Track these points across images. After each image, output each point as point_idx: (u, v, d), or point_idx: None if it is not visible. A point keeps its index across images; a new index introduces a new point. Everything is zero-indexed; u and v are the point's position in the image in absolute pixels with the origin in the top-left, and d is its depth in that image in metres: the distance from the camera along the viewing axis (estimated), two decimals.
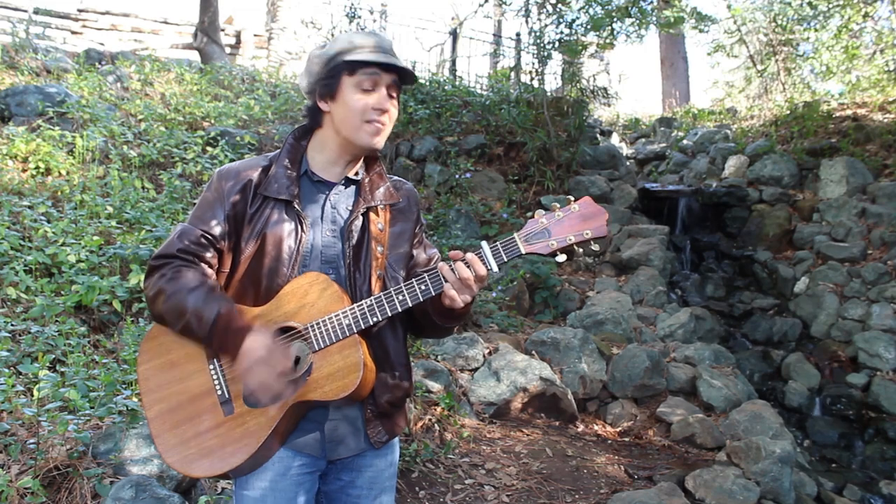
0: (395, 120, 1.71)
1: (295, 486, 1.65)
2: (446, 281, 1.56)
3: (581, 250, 1.58)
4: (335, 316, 1.58)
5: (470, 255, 1.55)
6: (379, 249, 1.70)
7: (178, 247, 1.62)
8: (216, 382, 1.60)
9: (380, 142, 1.65)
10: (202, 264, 1.64)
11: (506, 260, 1.57)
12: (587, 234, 1.55)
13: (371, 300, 1.59)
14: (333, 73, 1.64)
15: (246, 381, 1.55)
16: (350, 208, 1.71)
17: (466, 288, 1.55)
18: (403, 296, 1.58)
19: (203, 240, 1.63)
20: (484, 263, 1.55)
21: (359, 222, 1.69)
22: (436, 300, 1.61)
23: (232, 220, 1.65)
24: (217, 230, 1.64)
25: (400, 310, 1.59)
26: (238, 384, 1.59)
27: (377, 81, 1.63)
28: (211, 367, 1.61)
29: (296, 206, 1.64)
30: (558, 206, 1.60)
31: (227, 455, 1.56)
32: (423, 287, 1.58)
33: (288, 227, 1.64)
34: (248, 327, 1.55)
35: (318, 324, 1.58)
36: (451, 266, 1.56)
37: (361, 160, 1.76)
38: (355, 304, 1.59)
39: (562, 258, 1.57)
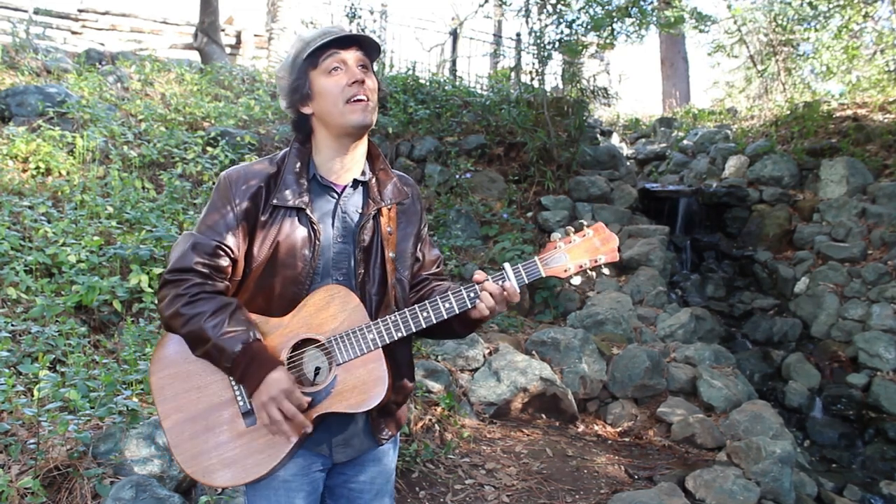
0: (377, 93, 1.69)
1: (302, 485, 1.68)
2: (479, 301, 1.62)
3: (594, 273, 1.69)
4: (359, 330, 1.59)
5: (508, 284, 1.63)
6: (390, 255, 1.70)
7: (195, 260, 1.59)
8: (237, 393, 1.59)
9: (370, 117, 1.63)
10: (218, 277, 1.62)
11: (527, 281, 1.66)
12: (600, 259, 1.68)
13: (396, 316, 1.61)
14: (300, 75, 1.65)
15: (260, 414, 1.56)
16: (360, 210, 1.71)
17: (498, 304, 1.63)
18: (428, 313, 1.62)
19: (219, 251, 1.60)
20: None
21: (370, 225, 1.69)
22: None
23: (244, 227, 1.63)
24: (231, 240, 1.61)
25: (424, 326, 1.62)
26: None
27: (341, 59, 1.62)
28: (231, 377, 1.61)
29: (308, 213, 1.63)
30: (573, 230, 1.69)
31: (249, 466, 1.56)
32: (447, 305, 1.62)
33: (302, 234, 1.63)
34: (270, 365, 1.54)
35: (340, 337, 1.59)
36: (480, 288, 1.63)
37: (364, 157, 1.75)
38: (379, 319, 1.61)
39: (576, 280, 1.68)
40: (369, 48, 1.67)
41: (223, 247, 1.61)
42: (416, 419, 4.17)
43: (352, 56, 1.63)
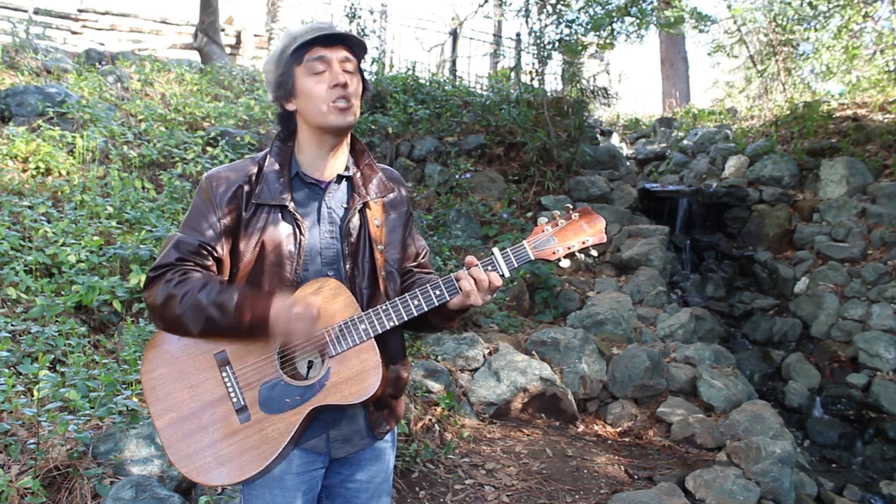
0: (360, 95, 1.68)
1: (300, 484, 1.67)
2: (461, 289, 1.61)
3: (583, 256, 1.69)
4: (350, 321, 1.59)
5: (494, 275, 1.62)
6: (379, 248, 1.70)
7: (177, 256, 1.59)
8: (230, 390, 1.59)
9: (350, 119, 1.62)
10: (203, 271, 1.62)
11: (516, 266, 1.65)
12: (588, 240, 1.68)
13: (387, 305, 1.61)
14: (285, 70, 1.64)
15: (290, 338, 1.55)
16: (346, 205, 1.71)
17: (481, 292, 1.61)
18: (419, 301, 1.62)
19: (202, 249, 1.61)
20: (496, 269, 1.63)
21: (356, 219, 1.69)
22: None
23: (227, 226, 1.63)
24: (213, 240, 1.61)
25: (416, 314, 1.62)
26: (253, 391, 1.58)
27: (326, 61, 1.61)
28: (223, 374, 1.60)
29: (291, 209, 1.63)
30: (559, 214, 1.69)
31: (245, 463, 1.55)
32: (437, 292, 1.62)
33: (286, 231, 1.63)
34: (269, 296, 1.55)
35: (333, 329, 1.59)
36: (467, 272, 1.62)
37: (348, 153, 1.75)
38: (370, 310, 1.61)
39: (565, 263, 1.68)
40: (356, 48, 1.67)
41: (206, 246, 1.61)
42: (416, 419, 4.17)
43: (337, 56, 1.62)
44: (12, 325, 3.71)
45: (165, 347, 1.63)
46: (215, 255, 1.62)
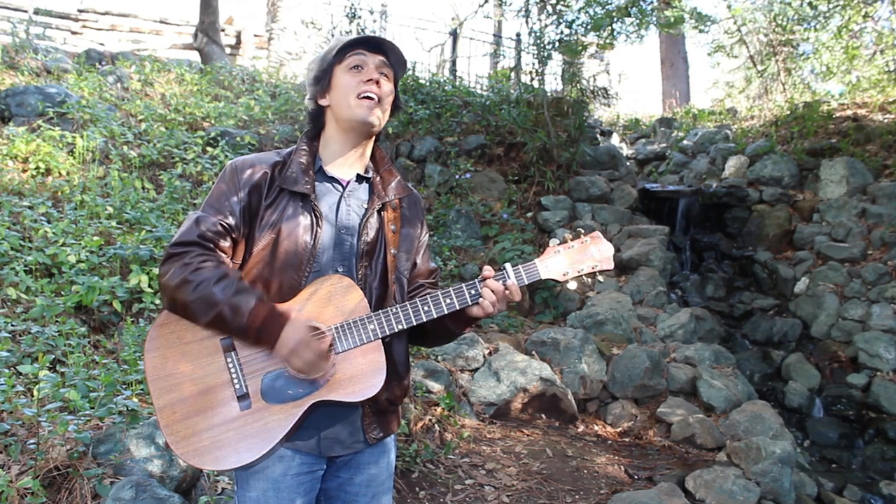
0: (391, 104, 1.75)
1: (297, 486, 1.67)
2: (480, 298, 1.66)
3: (590, 279, 1.77)
4: (360, 320, 1.61)
5: (511, 283, 1.68)
6: (392, 252, 1.73)
7: (197, 233, 1.61)
8: (234, 376, 1.59)
9: (375, 117, 1.68)
10: (220, 253, 1.63)
11: (526, 283, 1.71)
12: (597, 266, 1.75)
13: (397, 308, 1.63)
14: (326, 67, 1.73)
15: (291, 364, 1.57)
16: (365, 205, 1.75)
17: (499, 302, 1.67)
18: (429, 307, 1.65)
19: (220, 227, 1.63)
20: (505, 282, 1.69)
21: (374, 220, 1.73)
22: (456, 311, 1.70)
23: (246, 210, 1.66)
24: (232, 219, 1.64)
25: (425, 320, 1.64)
26: (256, 379, 1.59)
27: (364, 61, 1.70)
28: (228, 359, 1.59)
29: (312, 199, 1.66)
30: (570, 237, 1.76)
31: (241, 450, 1.55)
32: (448, 301, 1.66)
33: (304, 221, 1.66)
34: (285, 317, 1.56)
35: (341, 326, 1.61)
36: (483, 286, 1.67)
37: (368, 157, 1.80)
38: (381, 311, 1.63)
39: (573, 285, 1.76)
40: (396, 60, 1.75)
41: (225, 225, 1.63)
42: (416, 419, 4.17)
43: (375, 60, 1.71)
44: (12, 325, 3.71)
45: (172, 327, 1.62)
46: (233, 235, 1.65)
